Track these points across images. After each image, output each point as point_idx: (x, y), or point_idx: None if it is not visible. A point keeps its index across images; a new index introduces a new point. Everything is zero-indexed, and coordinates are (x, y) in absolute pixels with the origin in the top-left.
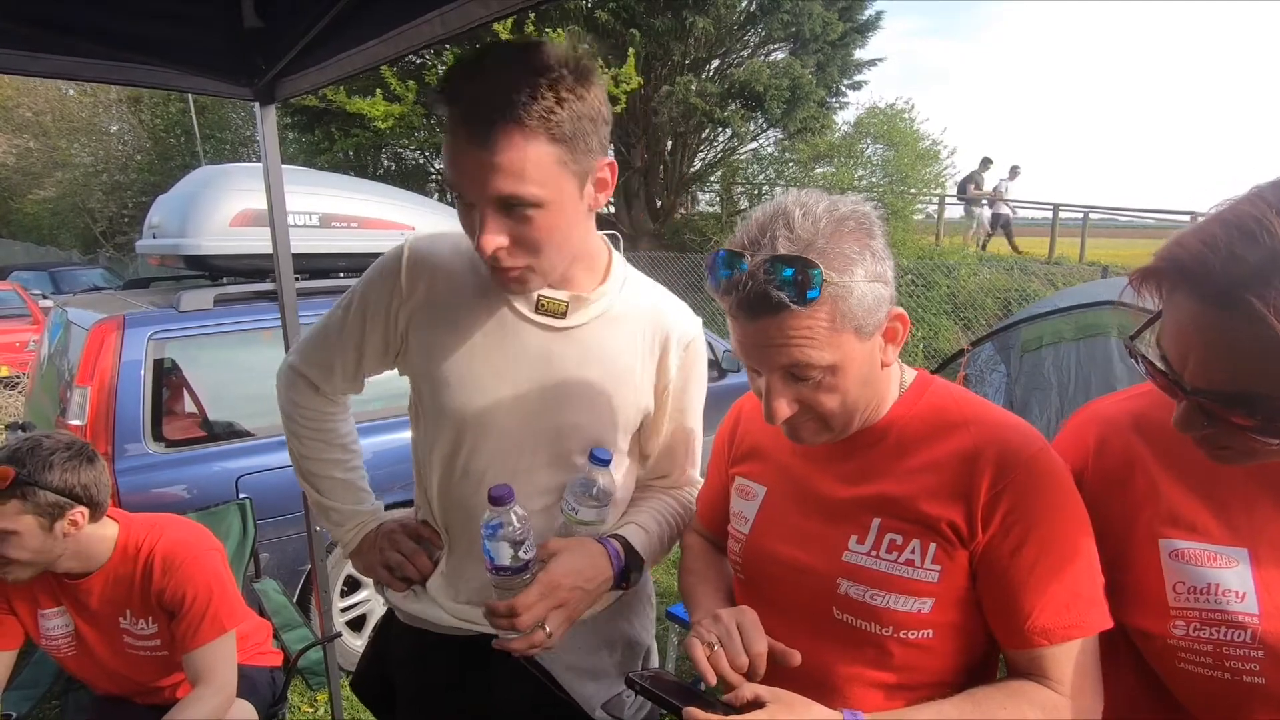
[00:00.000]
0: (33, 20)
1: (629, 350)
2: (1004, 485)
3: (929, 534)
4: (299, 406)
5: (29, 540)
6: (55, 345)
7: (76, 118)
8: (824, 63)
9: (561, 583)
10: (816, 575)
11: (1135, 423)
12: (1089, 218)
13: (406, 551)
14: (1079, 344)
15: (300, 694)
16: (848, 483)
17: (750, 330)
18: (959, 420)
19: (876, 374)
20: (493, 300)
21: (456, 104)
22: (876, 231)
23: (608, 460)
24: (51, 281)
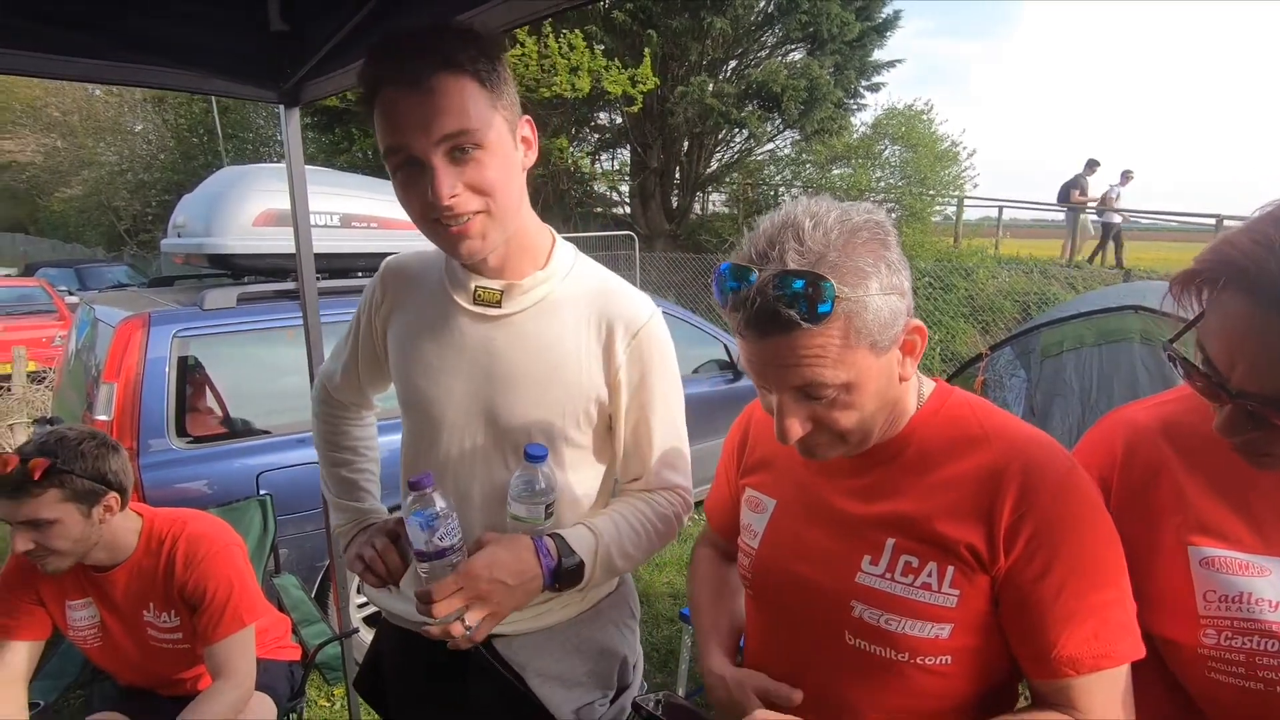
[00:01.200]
0: (64, 24)
1: (570, 337)
2: (1028, 507)
3: (947, 556)
4: (316, 404)
5: (70, 528)
6: (82, 342)
7: (103, 117)
8: (842, 64)
9: (480, 574)
10: (828, 595)
11: (1164, 429)
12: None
13: (379, 548)
14: (1101, 349)
15: (317, 688)
16: (862, 499)
17: (759, 349)
18: (979, 435)
19: (894, 389)
20: (439, 295)
21: (388, 70)
22: (891, 241)
23: (541, 455)
24: (77, 278)
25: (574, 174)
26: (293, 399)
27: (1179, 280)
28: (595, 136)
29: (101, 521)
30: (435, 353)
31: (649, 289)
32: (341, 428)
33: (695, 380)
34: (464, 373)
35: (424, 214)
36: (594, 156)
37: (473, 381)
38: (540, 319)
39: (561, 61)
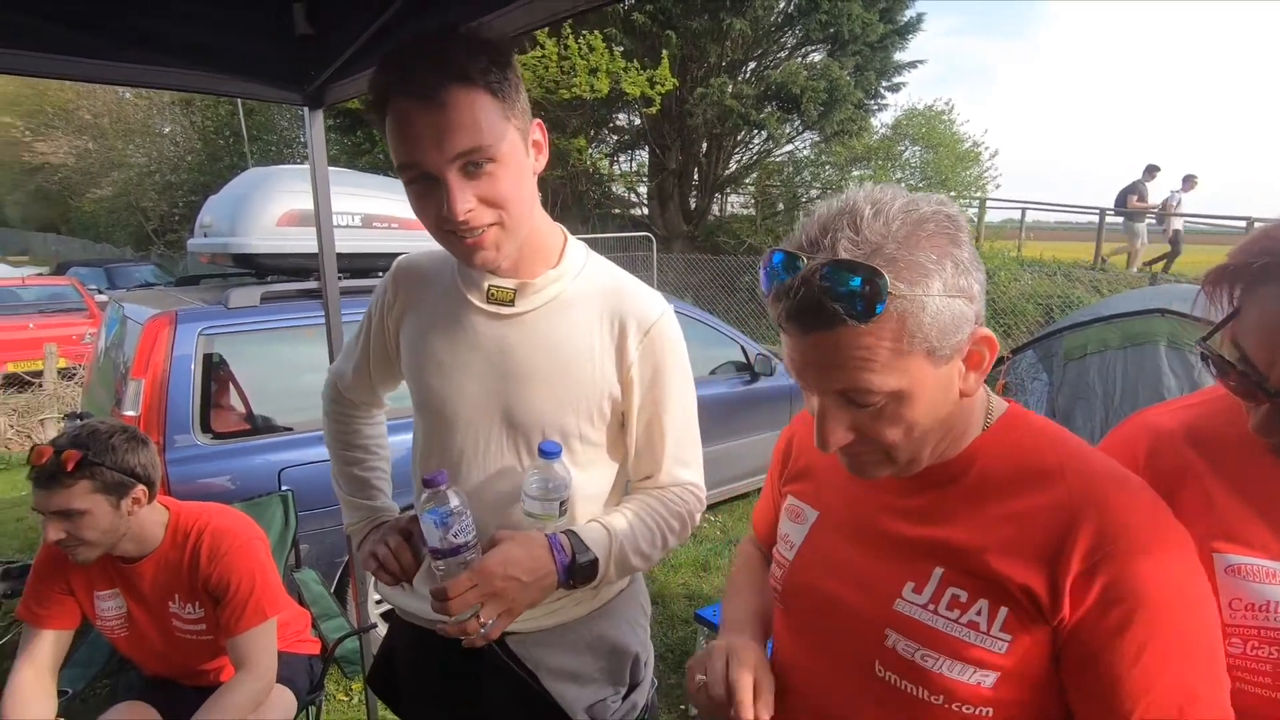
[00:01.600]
0: (97, 28)
1: (583, 334)
2: (1104, 555)
3: (1000, 596)
4: (328, 407)
5: (100, 519)
6: (111, 339)
7: (132, 120)
8: (862, 65)
9: (494, 571)
10: (862, 620)
11: (1188, 434)
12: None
13: (393, 546)
14: (1126, 352)
15: (336, 682)
16: (912, 520)
17: (801, 345)
18: (1054, 467)
19: (953, 404)
20: (453, 294)
21: (399, 80)
22: (963, 238)
23: (555, 452)
24: (107, 277)
25: (592, 175)
26: (314, 396)
27: (1213, 276)
28: (613, 138)
29: (130, 513)
30: (449, 351)
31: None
32: (353, 426)
33: (712, 382)
34: (478, 371)
35: (438, 225)
36: (612, 158)
37: (486, 379)
38: (553, 317)
39: (581, 63)
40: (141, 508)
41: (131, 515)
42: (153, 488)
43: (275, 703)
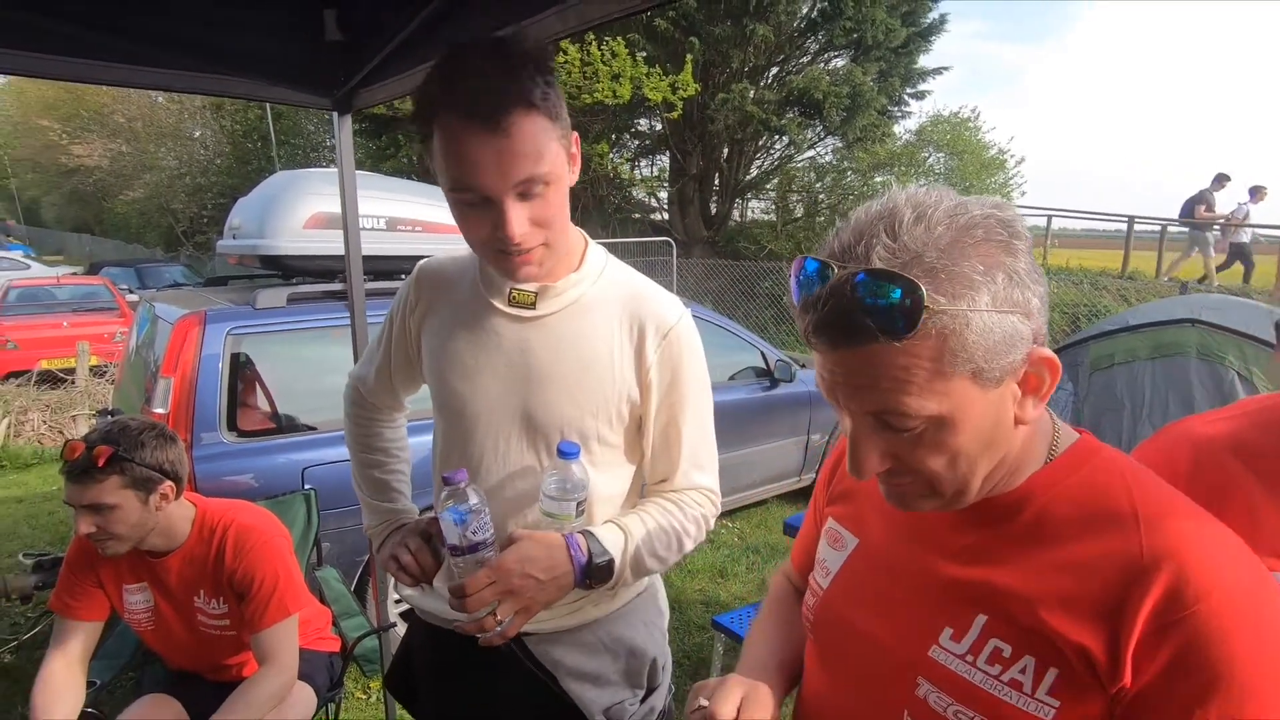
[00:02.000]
0: (130, 34)
1: (602, 337)
2: (1177, 617)
3: (1050, 655)
4: (349, 410)
5: (129, 514)
6: (142, 338)
7: (164, 123)
8: (886, 70)
9: (512, 569)
10: (893, 663)
11: (1233, 445)
12: (1167, 230)
13: (413, 548)
14: (1155, 363)
15: (355, 680)
16: (957, 559)
17: (829, 362)
18: (1127, 513)
19: (1007, 433)
20: (475, 297)
21: (459, 104)
22: (1019, 246)
23: (574, 453)
24: (138, 277)
25: (613, 180)
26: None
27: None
28: (634, 143)
29: (158, 509)
30: (470, 353)
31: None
32: (374, 429)
33: (731, 387)
34: (499, 372)
35: (488, 243)
36: (633, 163)
37: (508, 381)
38: (574, 319)
39: (603, 69)
40: (169, 503)
41: (159, 510)
42: (180, 484)
43: (296, 699)
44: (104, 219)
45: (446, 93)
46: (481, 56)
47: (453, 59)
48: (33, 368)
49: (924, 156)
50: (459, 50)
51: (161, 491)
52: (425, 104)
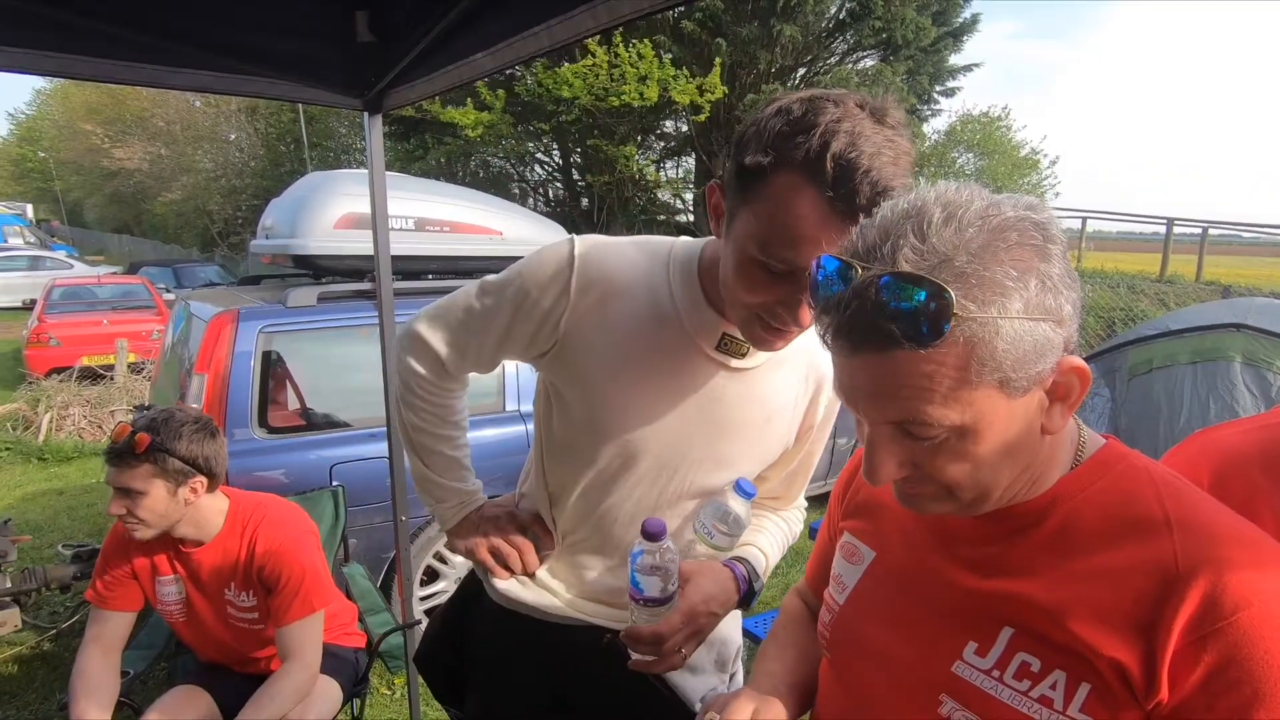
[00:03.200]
0: (171, 36)
1: (787, 390)
2: (1215, 629)
3: (1082, 669)
4: (420, 379)
5: (155, 503)
6: (178, 335)
7: (201, 127)
8: (915, 69)
9: (699, 610)
10: (915, 680)
11: (1262, 458)
12: (1208, 233)
13: (517, 544)
14: (1196, 368)
15: (380, 676)
16: (979, 571)
17: (849, 367)
18: (1159, 519)
19: (1032, 442)
20: (671, 330)
21: (822, 177)
22: (1054, 251)
23: (752, 494)
24: (174, 276)
25: (639, 182)
26: (367, 394)
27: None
28: (660, 144)
29: (187, 502)
30: (655, 387)
31: None
32: (450, 402)
33: None
34: (687, 415)
35: (758, 308)
36: (659, 164)
37: (695, 426)
38: (769, 372)
39: (631, 70)
40: (200, 496)
41: (189, 504)
42: (215, 478)
43: (321, 694)
44: (143, 220)
45: (814, 154)
46: (870, 136)
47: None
48: (74, 364)
49: (954, 157)
50: (842, 106)
51: (192, 485)
52: (779, 149)
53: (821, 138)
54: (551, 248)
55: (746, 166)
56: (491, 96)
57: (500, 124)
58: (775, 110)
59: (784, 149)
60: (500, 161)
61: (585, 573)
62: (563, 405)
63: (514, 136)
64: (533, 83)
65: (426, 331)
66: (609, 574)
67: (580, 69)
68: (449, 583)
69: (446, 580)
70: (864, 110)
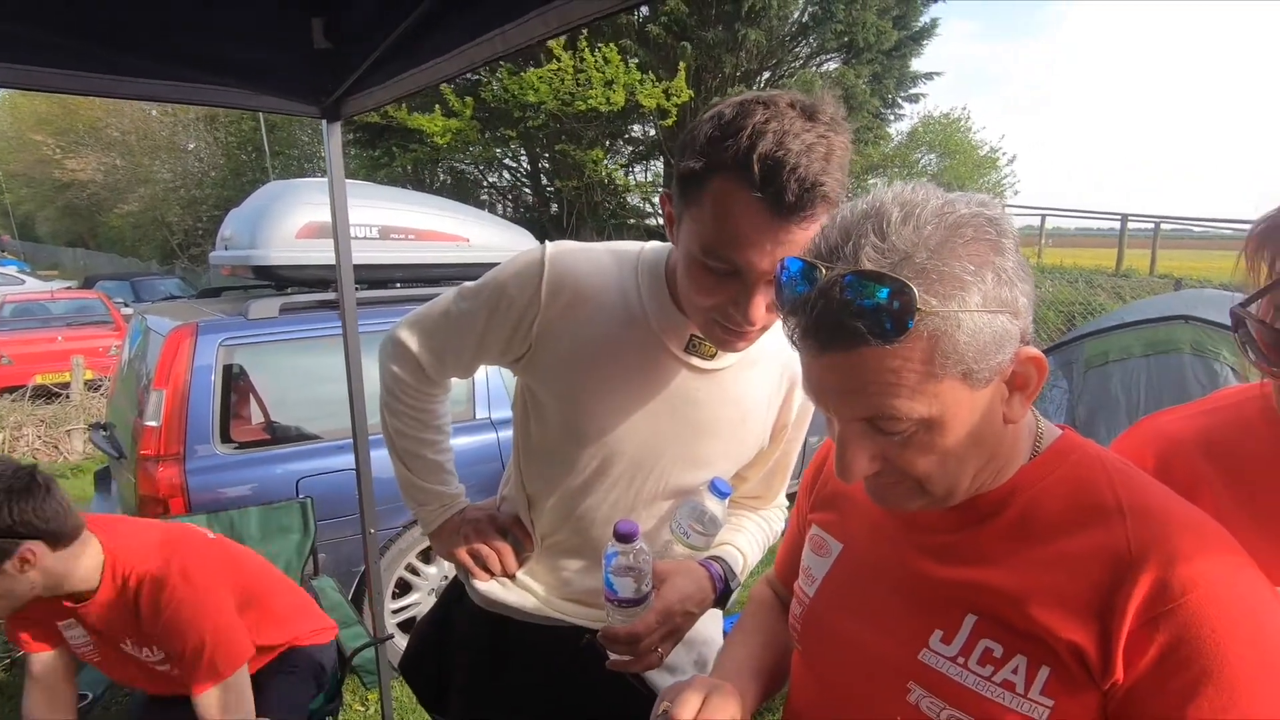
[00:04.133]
0: (121, 45)
1: (760, 391)
2: (1166, 609)
3: (1041, 653)
4: (403, 384)
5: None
6: (135, 350)
7: (158, 136)
8: (879, 73)
9: (675, 610)
10: (884, 669)
11: (1203, 443)
12: (1160, 228)
13: (497, 547)
14: (1149, 360)
15: (353, 693)
16: (943, 560)
17: (818, 366)
18: (1111, 506)
19: (995, 432)
20: (641, 333)
21: (751, 179)
22: (1007, 245)
23: (727, 494)
24: (132, 290)
25: (607, 186)
26: (332, 406)
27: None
28: (629, 149)
29: (23, 573)
30: (628, 389)
31: None
32: (432, 406)
33: None
34: (659, 416)
35: (711, 310)
36: (628, 169)
37: (668, 427)
38: (740, 373)
39: (597, 75)
40: (37, 563)
41: (26, 574)
42: (54, 537)
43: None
44: (98, 233)
45: (742, 156)
46: (794, 127)
47: (761, 115)
48: (27, 383)
49: (916, 158)
50: (772, 107)
51: (21, 556)
52: (710, 154)
53: (749, 139)
54: (525, 254)
55: (684, 172)
56: (459, 103)
57: (468, 130)
58: (709, 116)
59: (714, 153)
60: (468, 168)
61: (565, 574)
62: (539, 409)
63: (481, 143)
64: (499, 88)
65: (407, 337)
66: (588, 574)
67: (546, 74)
68: (422, 594)
69: (419, 592)
70: (795, 109)
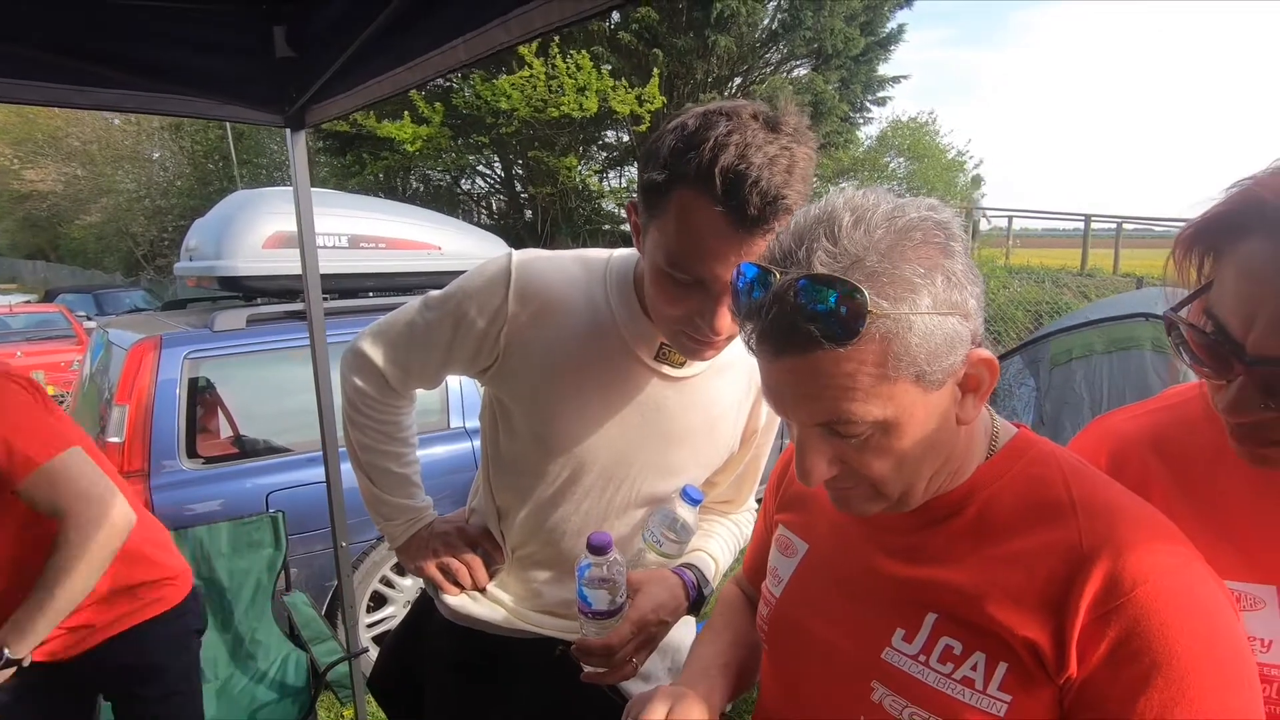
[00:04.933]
0: (80, 54)
1: (728, 397)
2: (1117, 604)
3: (999, 649)
4: (366, 397)
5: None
6: (96, 365)
7: (121, 146)
8: (848, 78)
9: (649, 619)
10: (848, 668)
11: (1153, 440)
12: (1123, 228)
13: (466, 560)
14: (1111, 357)
15: (328, 709)
16: (904, 559)
17: (775, 370)
18: (1064, 503)
19: (950, 434)
20: (611, 342)
21: (714, 193)
22: (956, 248)
23: (699, 500)
24: (95, 303)
25: (582, 193)
26: (302, 418)
27: (1185, 242)
28: (603, 155)
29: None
30: (599, 398)
31: None
32: (398, 419)
33: None
34: (629, 424)
35: (677, 320)
36: (602, 175)
37: (639, 435)
38: (710, 380)
39: (569, 82)
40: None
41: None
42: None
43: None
44: (60, 245)
45: (704, 169)
46: (761, 146)
47: (724, 127)
48: None
49: (886, 161)
50: (735, 119)
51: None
52: (673, 166)
53: (711, 151)
54: (490, 263)
55: (647, 184)
56: (429, 110)
57: (439, 137)
58: (673, 126)
59: (677, 165)
60: (441, 175)
61: (536, 585)
62: (508, 420)
63: (454, 150)
64: (470, 95)
65: (370, 349)
66: (560, 586)
67: (518, 80)
68: (397, 608)
69: (394, 605)
70: (758, 121)
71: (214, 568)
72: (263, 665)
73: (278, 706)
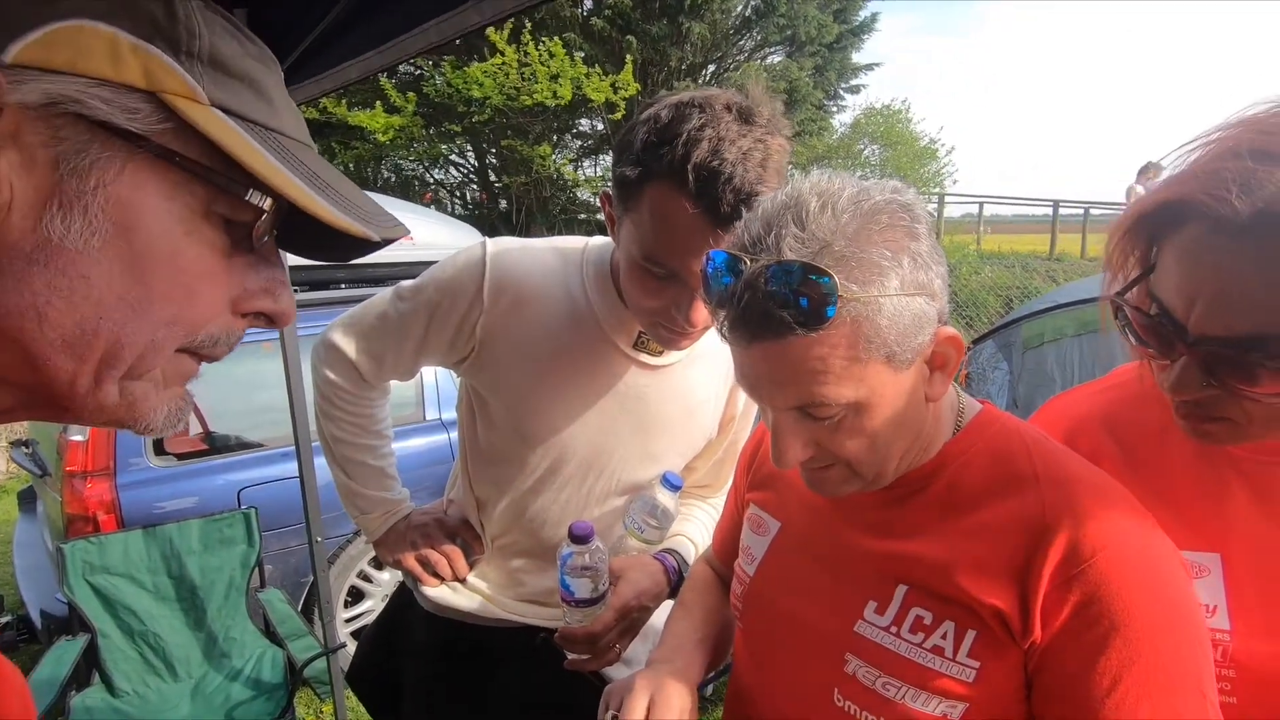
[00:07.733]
0: None
1: (706, 385)
2: (1078, 570)
3: (967, 618)
4: (339, 389)
5: None
6: None
7: None
8: (821, 66)
9: (632, 605)
10: (822, 642)
11: (1104, 417)
12: (1090, 213)
13: (446, 551)
14: (1081, 339)
15: (306, 705)
16: (875, 533)
17: (748, 356)
18: (1028, 475)
19: (919, 411)
20: (589, 331)
21: (687, 187)
22: (920, 230)
23: (679, 486)
24: None
25: (556, 181)
26: (271, 414)
27: (1125, 229)
28: (577, 143)
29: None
30: (577, 388)
31: None
32: (372, 412)
33: None
34: (609, 414)
35: (655, 312)
36: (576, 163)
37: (615, 421)
38: (688, 368)
39: (542, 69)
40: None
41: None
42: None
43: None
44: None
45: (677, 164)
46: (729, 134)
47: (696, 120)
48: None
49: (859, 149)
50: (708, 111)
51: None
52: (646, 161)
53: (684, 147)
54: (464, 252)
55: (621, 178)
56: (400, 98)
57: (411, 126)
58: (646, 118)
59: (650, 160)
60: (413, 165)
61: (517, 574)
62: (486, 411)
63: (426, 139)
64: (442, 83)
65: (341, 340)
66: (541, 574)
67: (490, 68)
68: (375, 602)
69: (373, 600)
70: (731, 112)
71: (185, 565)
72: (238, 663)
73: (254, 704)
